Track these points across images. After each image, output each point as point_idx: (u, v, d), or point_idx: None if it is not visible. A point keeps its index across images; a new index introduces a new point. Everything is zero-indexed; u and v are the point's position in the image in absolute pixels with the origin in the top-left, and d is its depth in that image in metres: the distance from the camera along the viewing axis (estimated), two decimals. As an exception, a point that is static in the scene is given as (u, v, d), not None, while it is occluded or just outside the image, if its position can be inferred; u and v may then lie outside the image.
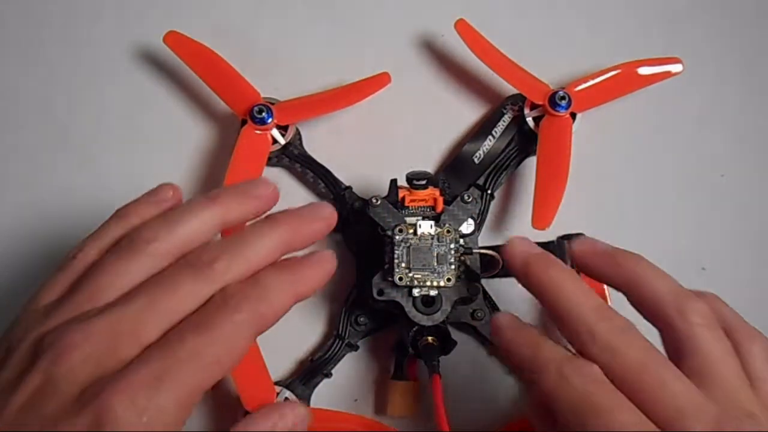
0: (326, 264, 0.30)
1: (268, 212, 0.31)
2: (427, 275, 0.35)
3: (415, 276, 0.35)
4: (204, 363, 0.26)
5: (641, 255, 0.31)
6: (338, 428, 0.37)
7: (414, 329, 0.36)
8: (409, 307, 0.35)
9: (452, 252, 0.35)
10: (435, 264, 0.35)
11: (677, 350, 0.28)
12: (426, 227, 0.35)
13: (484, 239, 0.40)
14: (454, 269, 0.35)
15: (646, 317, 0.29)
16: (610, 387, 0.27)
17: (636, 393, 0.26)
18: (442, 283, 0.35)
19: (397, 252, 0.35)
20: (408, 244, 0.35)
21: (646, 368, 0.27)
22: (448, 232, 0.35)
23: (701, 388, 0.26)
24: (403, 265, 0.35)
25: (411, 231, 0.35)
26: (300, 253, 0.30)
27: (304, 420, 0.30)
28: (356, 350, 0.39)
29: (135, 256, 0.28)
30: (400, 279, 0.35)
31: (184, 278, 0.27)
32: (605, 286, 0.35)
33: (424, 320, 0.35)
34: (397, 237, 0.35)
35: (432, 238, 0.35)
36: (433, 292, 0.35)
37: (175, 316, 0.26)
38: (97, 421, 0.24)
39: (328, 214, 0.31)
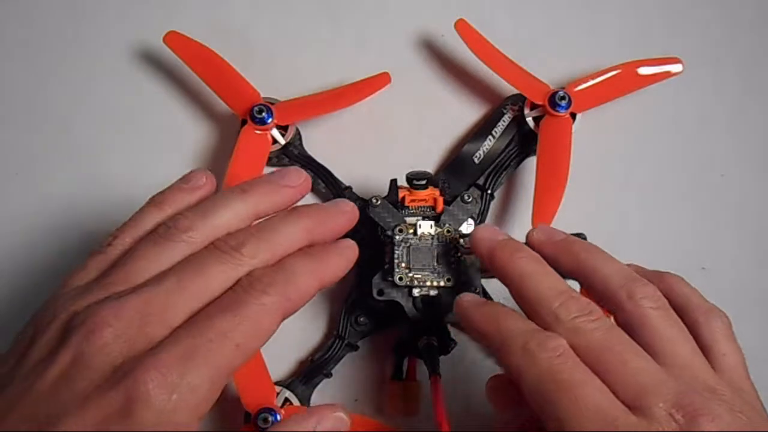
0: (349, 252, 0.31)
1: (297, 203, 0.32)
2: (427, 275, 0.35)
3: (415, 276, 0.35)
4: (232, 344, 0.26)
5: (594, 244, 0.31)
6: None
7: (414, 329, 0.36)
8: (409, 307, 0.35)
9: (452, 252, 0.35)
10: (435, 264, 0.35)
11: (631, 333, 0.28)
12: (426, 227, 0.35)
13: (484, 239, 0.40)
14: (455, 269, 0.35)
15: (599, 303, 0.29)
16: (575, 361, 0.27)
17: (599, 372, 0.27)
18: (442, 283, 0.35)
19: (397, 252, 0.35)
20: (408, 244, 0.35)
21: (609, 347, 0.27)
22: (448, 232, 0.35)
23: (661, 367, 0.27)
24: (403, 265, 0.35)
25: (411, 231, 0.35)
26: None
27: (344, 424, 0.31)
28: (356, 350, 0.39)
29: (170, 244, 0.29)
30: (400, 279, 0.35)
31: (212, 262, 0.28)
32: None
33: (424, 320, 0.35)
34: (397, 237, 0.35)
35: (432, 238, 0.35)
36: (433, 292, 0.35)
37: (203, 298, 0.27)
38: (129, 398, 0.24)
39: (351, 209, 0.32)
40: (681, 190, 0.42)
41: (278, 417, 0.35)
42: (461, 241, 0.36)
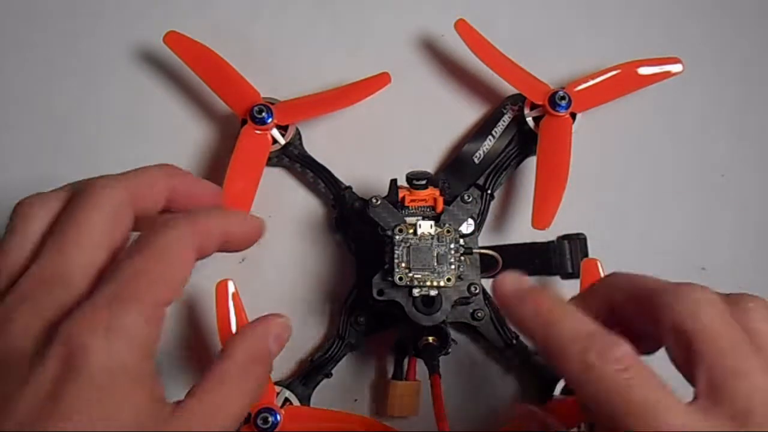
0: (256, 223, 0.30)
1: None
2: (427, 275, 0.35)
3: (415, 276, 0.35)
4: (149, 278, 0.25)
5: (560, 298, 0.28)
6: (338, 428, 0.37)
7: (414, 329, 0.36)
8: (409, 307, 0.35)
9: (452, 252, 0.35)
10: (435, 264, 0.35)
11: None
12: (426, 227, 0.35)
13: (484, 239, 0.40)
14: (454, 269, 0.35)
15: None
16: (647, 372, 0.24)
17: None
18: (442, 283, 0.35)
19: (397, 252, 0.35)
20: (408, 244, 0.35)
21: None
22: (448, 232, 0.35)
23: None
24: (403, 265, 0.35)
25: (411, 231, 0.35)
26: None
27: (289, 331, 0.30)
28: (356, 350, 0.39)
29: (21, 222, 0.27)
30: (400, 279, 0.35)
31: (80, 213, 0.27)
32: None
33: (424, 320, 0.35)
34: (397, 237, 0.35)
35: (432, 238, 0.35)
36: (433, 292, 0.35)
37: (91, 248, 0.26)
38: (69, 355, 0.23)
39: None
40: (681, 190, 0.42)
41: (278, 417, 0.35)
42: (461, 241, 0.36)
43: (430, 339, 0.36)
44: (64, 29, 0.44)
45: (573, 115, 0.40)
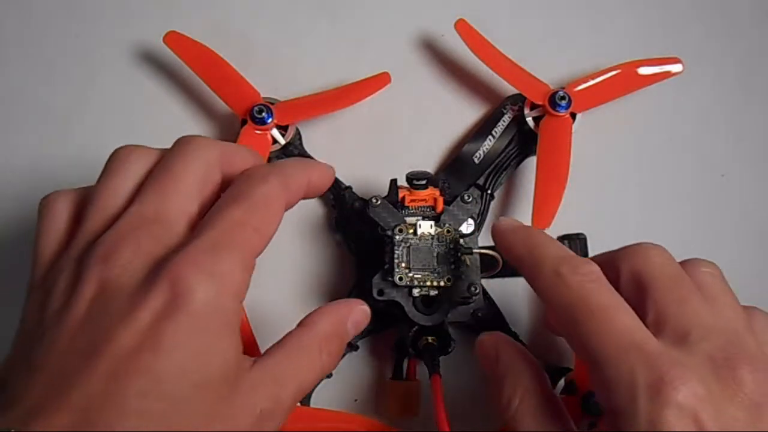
0: (330, 171, 0.32)
1: None
2: (427, 275, 0.35)
3: (415, 276, 0.35)
4: (250, 228, 0.27)
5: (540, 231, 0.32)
6: (338, 428, 0.37)
7: (414, 329, 0.36)
8: (409, 307, 0.35)
9: (452, 252, 0.35)
10: (435, 264, 0.35)
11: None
12: (426, 227, 0.35)
13: (484, 239, 0.40)
14: (454, 269, 0.35)
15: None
16: (608, 286, 0.27)
17: (644, 303, 0.27)
18: (442, 283, 0.35)
19: (397, 252, 0.35)
20: (408, 244, 0.35)
21: (678, 278, 0.28)
22: (448, 232, 0.35)
23: None
24: (403, 265, 0.35)
25: (411, 231, 0.35)
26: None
27: (367, 317, 0.31)
28: (356, 350, 0.39)
29: (122, 170, 0.29)
30: (400, 279, 0.35)
31: (176, 163, 0.28)
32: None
33: (424, 320, 0.35)
34: (397, 237, 0.35)
35: (432, 238, 0.35)
36: (433, 292, 0.35)
37: (187, 195, 0.28)
38: (174, 293, 0.24)
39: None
40: (681, 190, 0.42)
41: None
42: (461, 241, 0.36)
43: (430, 339, 0.36)
44: (64, 29, 0.44)
45: (573, 115, 0.40)
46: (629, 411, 0.24)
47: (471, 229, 0.37)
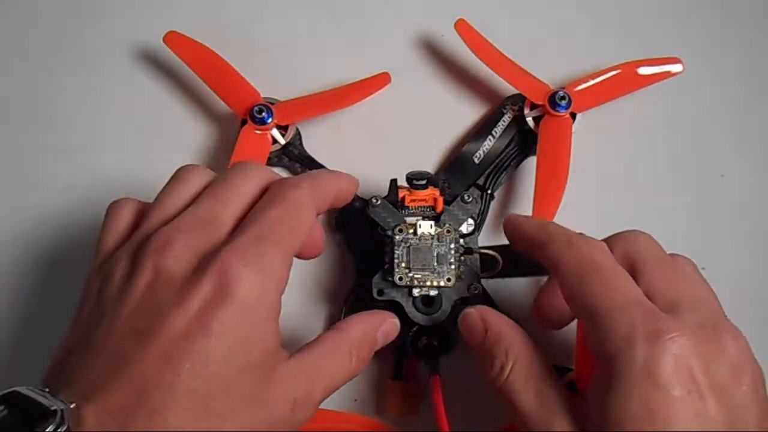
0: (355, 182, 0.34)
1: None
2: (427, 275, 0.35)
3: (415, 276, 0.35)
4: (288, 227, 0.29)
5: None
6: (338, 428, 0.37)
7: (414, 329, 0.36)
8: (409, 307, 0.35)
9: (452, 252, 0.35)
10: (435, 264, 0.35)
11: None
12: (426, 227, 0.35)
13: (484, 239, 0.40)
14: (454, 269, 0.35)
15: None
16: (614, 259, 0.30)
17: (643, 275, 0.30)
18: (442, 283, 0.35)
19: (397, 252, 0.35)
20: (408, 244, 0.35)
21: (667, 261, 0.31)
22: (448, 232, 0.35)
23: None
24: (403, 265, 0.35)
25: (411, 231, 0.35)
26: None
27: (397, 329, 0.34)
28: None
29: (184, 184, 0.31)
30: (400, 279, 0.35)
31: (237, 178, 0.31)
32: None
33: (424, 320, 0.35)
34: (397, 237, 0.35)
35: (432, 238, 0.35)
36: (433, 292, 0.35)
37: (239, 204, 0.30)
38: (222, 283, 0.26)
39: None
40: (681, 190, 0.42)
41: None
42: (461, 241, 0.36)
43: (430, 339, 0.36)
44: (64, 29, 0.44)
45: (573, 115, 0.40)
46: (626, 355, 0.26)
47: (471, 229, 0.37)
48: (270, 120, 0.39)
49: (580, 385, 0.35)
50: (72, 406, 0.24)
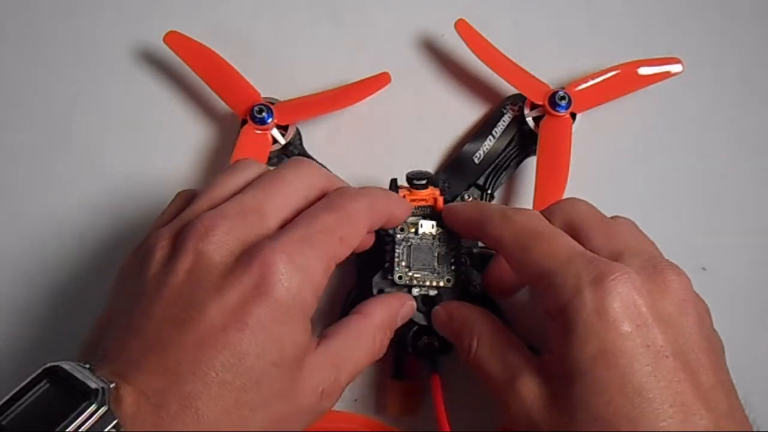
0: (409, 206, 0.35)
1: None
2: (427, 275, 0.35)
3: (415, 275, 0.35)
4: (337, 236, 0.29)
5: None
6: (338, 428, 0.37)
7: (414, 329, 0.36)
8: (409, 307, 0.35)
9: (453, 253, 0.35)
10: (435, 264, 0.35)
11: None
12: (427, 227, 0.35)
13: (484, 239, 0.40)
14: (455, 270, 0.35)
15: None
16: (549, 224, 0.31)
17: (579, 233, 0.31)
18: (441, 284, 0.35)
19: (397, 251, 0.35)
20: (409, 243, 0.35)
21: (598, 216, 0.32)
22: (450, 232, 0.35)
23: None
24: (404, 263, 0.35)
25: (412, 230, 0.35)
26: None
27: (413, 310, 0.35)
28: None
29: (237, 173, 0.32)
30: (400, 278, 0.35)
31: (292, 176, 0.31)
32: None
33: (424, 320, 0.35)
34: (398, 236, 0.35)
35: (433, 238, 0.35)
36: (432, 292, 0.35)
37: (290, 203, 0.30)
38: (263, 276, 0.27)
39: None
40: (681, 190, 0.42)
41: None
42: (461, 241, 0.36)
43: (430, 339, 0.36)
44: (64, 29, 0.44)
45: (573, 115, 0.40)
46: (576, 303, 0.27)
47: None
48: (270, 120, 0.39)
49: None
50: (112, 386, 0.25)
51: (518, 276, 0.31)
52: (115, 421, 0.24)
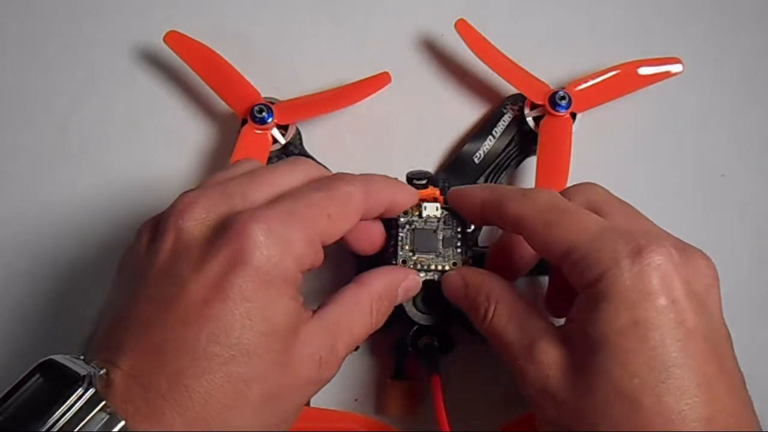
0: (414, 193, 0.34)
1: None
2: (432, 258, 0.34)
3: (420, 259, 0.34)
4: (325, 213, 0.29)
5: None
6: (338, 428, 0.37)
7: (414, 329, 0.36)
8: (408, 307, 0.35)
9: (459, 236, 0.35)
10: (440, 248, 0.34)
11: None
12: (432, 209, 0.35)
13: (484, 239, 0.40)
14: (461, 253, 0.34)
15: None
16: (568, 201, 0.31)
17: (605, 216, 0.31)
18: (447, 267, 0.34)
19: (401, 234, 0.34)
20: (413, 227, 0.35)
21: (621, 203, 0.32)
22: (455, 215, 0.35)
23: None
24: (407, 247, 0.34)
25: (416, 213, 0.35)
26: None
27: (418, 286, 0.34)
28: (356, 350, 0.39)
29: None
30: (404, 262, 0.34)
31: (284, 167, 0.31)
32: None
33: (424, 320, 0.35)
34: (401, 219, 0.35)
35: (438, 221, 0.35)
36: (436, 276, 0.34)
37: (279, 186, 0.30)
38: (241, 246, 0.26)
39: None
40: (681, 190, 0.42)
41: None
42: (470, 227, 0.35)
43: (430, 339, 0.36)
44: (64, 29, 0.44)
45: (573, 115, 0.40)
46: (613, 274, 0.27)
47: (471, 228, 0.37)
48: (270, 120, 0.39)
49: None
50: (102, 372, 0.25)
51: (543, 254, 0.30)
52: (102, 403, 0.24)
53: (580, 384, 0.27)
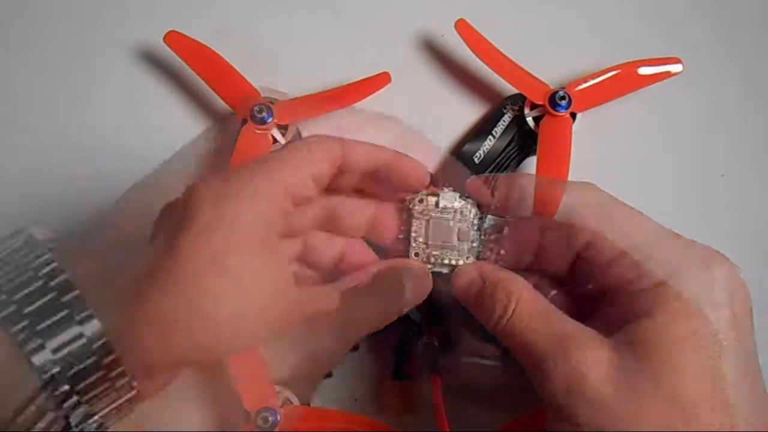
0: (422, 168, 0.33)
1: None
2: (446, 252, 0.33)
3: (433, 252, 0.33)
4: (283, 162, 0.29)
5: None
6: (338, 428, 0.37)
7: (414, 329, 0.36)
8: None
9: (475, 229, 0.33)
10: (455, 241, 0.33)
11: None
12: (450, 199, 0.33)
13: (484, 239, 0.40)
14: (476, 247, 0.33)
15: None
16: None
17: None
18: (461, 262, 0.33)
19: (415, 224, 0.33)
20: (427, 217, 0.33)
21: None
22: (474, 207, 0.33)
23: None
24: (421, 239, 0.33)
25: (432, 202, 0.33)
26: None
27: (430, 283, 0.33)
28: (356, 350, 0.39)
29: None
30: (417, 255, 0.33)
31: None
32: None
33: (419, 318, 0.35)
34: (416, 207, 0.33)
35: (455, 213, 0.33)
36: (445, 270, 0.33)
37: None
38: (186, 203, 0.27)
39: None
40: (681, 190, 0.42)
41: (278, 416, 0.35)
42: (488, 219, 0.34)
43: (430, 339, 0.36)
44: (64, 29, 0.44)
45: (573, 115, 0.40)
46: (679, 282, 0.27)
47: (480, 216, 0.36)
48: (270, 119, 0.39)
49: None
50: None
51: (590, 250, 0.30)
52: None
53: (626, 388, 0.26)
